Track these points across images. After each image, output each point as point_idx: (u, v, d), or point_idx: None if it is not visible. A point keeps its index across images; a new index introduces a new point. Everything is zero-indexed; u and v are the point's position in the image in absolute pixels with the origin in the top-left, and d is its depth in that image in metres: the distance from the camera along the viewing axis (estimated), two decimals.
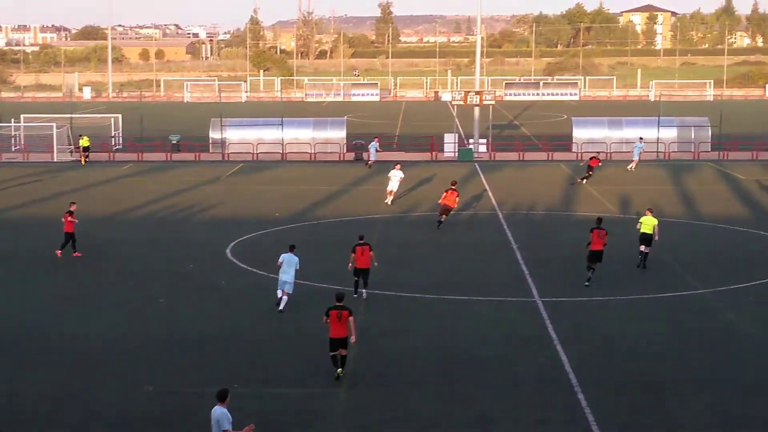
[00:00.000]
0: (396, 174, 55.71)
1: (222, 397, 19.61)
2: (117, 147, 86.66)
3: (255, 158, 79.60)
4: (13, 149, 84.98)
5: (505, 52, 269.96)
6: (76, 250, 42.01)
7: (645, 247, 39.42)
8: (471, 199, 57.20)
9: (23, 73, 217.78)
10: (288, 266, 33.41)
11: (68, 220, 42.08)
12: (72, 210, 42.54)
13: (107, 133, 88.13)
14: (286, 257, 33.57)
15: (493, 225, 50.32)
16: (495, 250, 43.98)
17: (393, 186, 55.58)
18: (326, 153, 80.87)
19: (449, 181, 50.54)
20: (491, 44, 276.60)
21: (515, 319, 32.80)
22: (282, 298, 33.40)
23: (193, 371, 27.48)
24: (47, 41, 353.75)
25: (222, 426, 19.34)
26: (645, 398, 25.32)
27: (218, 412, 19.47)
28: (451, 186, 49.08)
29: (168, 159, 79.78)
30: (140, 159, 79.70)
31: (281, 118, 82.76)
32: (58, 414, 24.44)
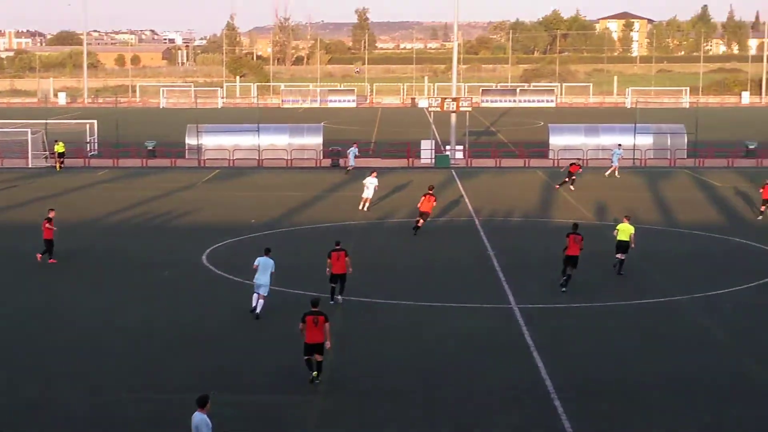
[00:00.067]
0: (371, 181, 55.58)
1: (201, 403, 19.52)
2: (92, 153, 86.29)
3: (231, 164, 79.40)
4: None
5: (482, 59, 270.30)
6: (52, 257, 41.80)
7: (621, 255, 39.48)
8: (448, 206, 57.15)
9: None
10: (263, 269, 33.34)
11: (47, 227, 41.87)
12: (50, 217, 42.33)
13: (82, 139, 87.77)
14: (262, 261, 33.49)
15: (470, 232, 50.29)
16: (471, 257, 43.94)
17: (368, 193, 55.47)
18: (303, 159, 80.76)
19: (426, 187, 50.49)
20: (468, 51, 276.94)
21: (491, 326, 32.74)
22: (258, 302, 33.30)
23: (169, 378, 27.32)
24: (22, 46, 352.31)
25: None
26: (622, 405, 25.31)
27: (197, 419, 19.38)
28: (428, 191, 49.08)
29: (144, 165, 79.50)
30: (116, 165, 79.39)
31: (257, 125, 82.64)
32: (32, 421, 24.23)
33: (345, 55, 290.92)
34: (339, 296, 34.86)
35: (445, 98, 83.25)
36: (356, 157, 73.53)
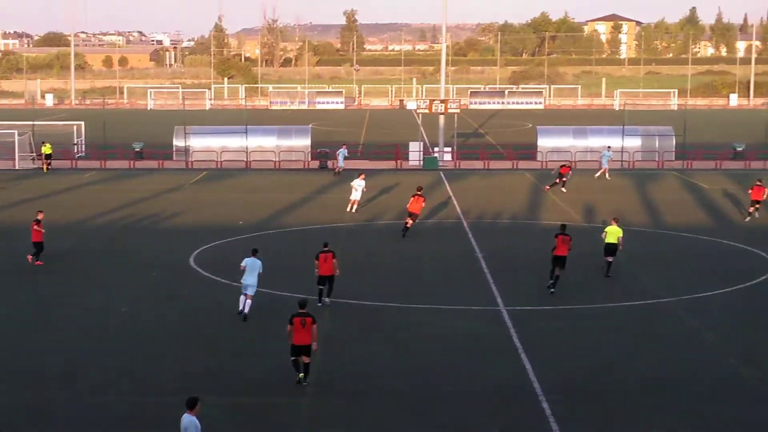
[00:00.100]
0: (359, 183, 55.60)
1: (191, 405, 19.45)
2: (80, 154, 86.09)
3: (219, 166, 79.30)
4: None
5: (471, 61, 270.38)
6: (39, 259, 41.66)
7: (610, 257, 39.49)
8: (436, 208, 57.12)
9: None
10: (251, 270, 33.31)
11: (35, 230, 41.73)
12: (39, 219, 42.18)
13: (70, 141, 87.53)
14: (249, 261, 33.45)
15: (458, 233, 50.26)
16: (460, 259, 43.92)
17: (356, 195, 55.49)
18: (291, 161, 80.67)
19: (414, 188, 50.49)
20: (456, 53, 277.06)
21: (479, 328, 32.72)
22: (246, 302, 33.25)
23: (156, 380, 27.22)
24: (9, 47, 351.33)
25: None
26: (610, 407, 25.30)
27: (186, 421, 19.32)
28: (417, 192, 49.14)
29: (131, 166, 79.35)
30: (103, 166, 79.22)
31: (245, 126, 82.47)
32: (19, 425, 24.11)
33: (333, 57, 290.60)
34: (327, 298, 34.81)
35: (434, 100, 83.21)
36: (345, 159, 73.47)
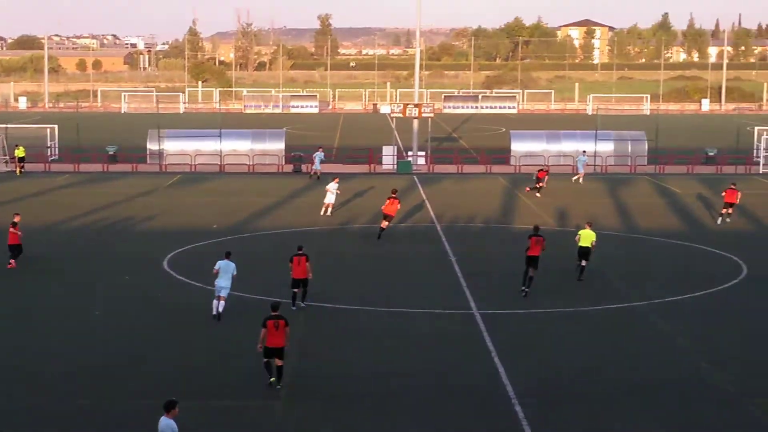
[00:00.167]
0: (333, 187, 55.73)
1: (167, 408, 19.47)
2: (53, 158, 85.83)
3: (193, 170, 79.15)
4: None
5: (444, 65, 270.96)
6: (15, 262, 41.53)
7: (583, 261, 39.70)
8: (410, 212, 57.21)
9: None
10: (224, 273, 33.37)
11: (12, 232, 41.62)
12: (16, 221, 42.07)
13: (43, 144, 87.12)
14: (222, 264, 33.50)
15: (432, 237, 50.37)
16: (433, 263, 44.02)
17: (330, 199, 55.61)
18: (265, 165, 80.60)
19: (389, 191, 50.62)
20: (430, 57, 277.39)
21: (453, 331, 32.81)
22: (219, 303, 33.29)
23: (129, 384, 27.20)
24: None
25: None
26: (582, 410, 25.44)
27: (163, 424, 19.38)
28: (392, 194, 49.35)
29: (105, 170, 79.09)
30: (76, 170, 78.94)
31: (219, 130, 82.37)
32: None
33: (307, 61, 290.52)
34: (302, 302, 34.84)
35: (408, 104, 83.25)
36: (322, 162, 73.42)
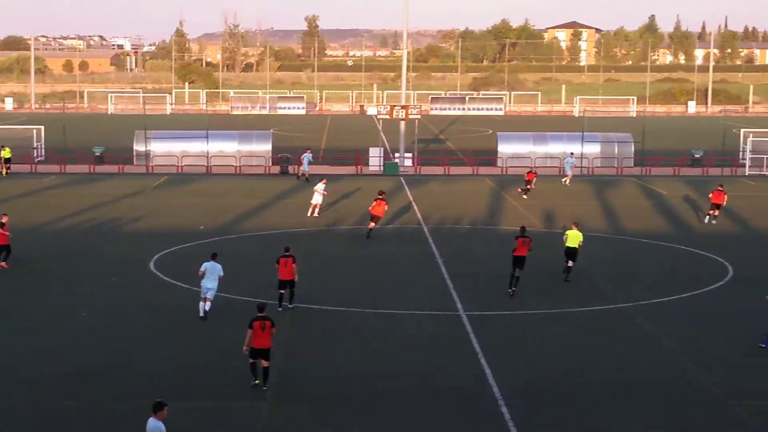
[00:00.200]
0: (321, 188, 55.82)
1: (155, 409, 19.46)
2: (39, 158, 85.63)
3: (180, 171, 79.05)
4: None
5: (431, 67, 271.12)
6: (2, 261, 41.47)
7: (570, 261, 39.84)
8: (396, 213, 57.23)
9: None
10: (211, 274, 33.36)
11: (0, 233, 41.54)
12: (3, 222, 41.97)
13: (29, 145, 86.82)
14: (209, 266, 33.49)
15: (419, 239, 50.41)
16: (420, 264, 44.06)
17: (317, 199, 55.67)
18: (251, 166, 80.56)
19: (376, 193, 50.72)
20: (417, 59, 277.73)
21: (439, 333, 32.86)
22: (206, 305, 33.30)
23: (116, 385, 27.17)
24: None
25: None
26: (568, 411, 25.49)
27: (151, 425, 19.35)
28: (379, 196, 49.52)
29: (91, 171, 78.93)
30: (63, 171, 78.77)
31: (206, 131, 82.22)
32: None
33: (294, 62, 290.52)
34: (290, 304, 34.84)
35: (395, 106, 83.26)
36: (310, 164, 73.36)
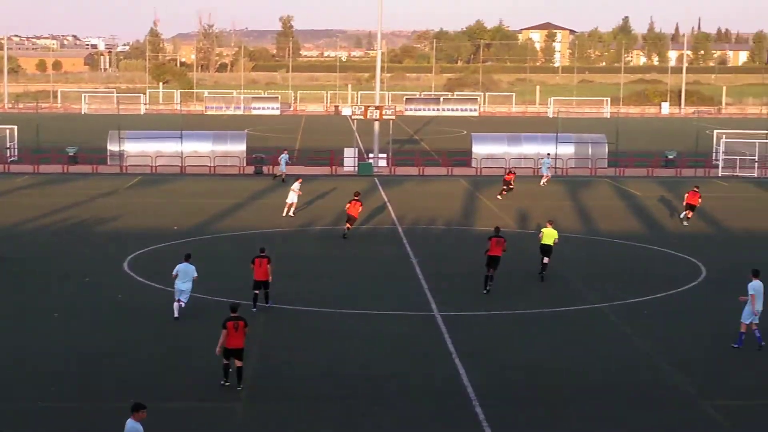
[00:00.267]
0: (296, 187, 55.88)
1: (132, 410, 19.41)
2: (12, 158, 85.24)
3: (154, 171, 78.82)
4: None
5: (406, 68, 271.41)
6: None
7: (545, 258, 40.06)
8: (371, 214, 57.22)
9: None
10: (184, 276, 33.29)
11: None
12: None
13: (2, 145, 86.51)
14: (182, 267, 33.41)
15: (393, 239, 50.42)
16: (394, 264, 44.06)
17: (292, 198, 55.65)
18: (226, 166, 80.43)
19: (352, 194, 50.78)
20: (392, 59, 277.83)
21: (414, 333, 32.86)
22: (180, 305, 33.23)
23: (89, 386, 27.06)
24: None
25: None
26: (543, 411, 25.54)
27: (129, 426, 19.28)
28: (354, 197, 49.54)
29: (65, 171, 78.62)
30: (36, 171, 78.41)
31: (181, 131, 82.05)
32: None
33: (269, 63, 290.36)
34: (266, 303, 34.79)
35: (369, 106, 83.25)
36: (288, 164, 73.22)
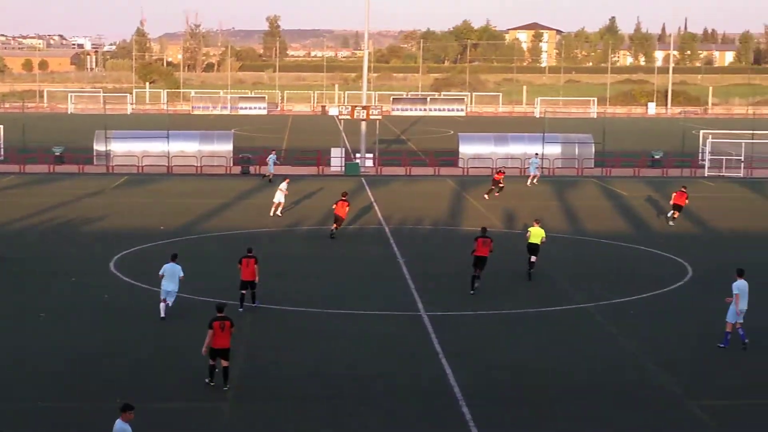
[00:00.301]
0: (284, 186, 55.92)
1: (121, 411, 19.40)
2: None
3: (140, 171, 78.72)
4: None
5: (393, 68, 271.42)
6: None
7: (532, 257, 40.17)
8: (358, 213, 57.21)
9: None
10: (170, 276, 33.22)
11: None
12: None
13: None
14: (168, 267, 33.34)
15: (380, 239, 50.42)
16: (381, 265, 44.06)
17: (279, 198, 55.66)
18: (212, 166, 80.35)
19: (339, 194, 50.81)
20: (379, 59, 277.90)
21: (400, 333, 32.86)
22: (166, 306, 33.19)
23: (75, 387, 27.00)
24: None
25: None
26: (529, 411, 25.56)
27: (117, 427, 19.28)
28: (342, 197, 49.57)
29: (51, 171, 78.46)
30: (22, 171, 78.20)
31: (167, 131, 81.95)
32: None
33: (256, 62, 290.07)
34: (253, 303, 34.76)
35: (356, 106, 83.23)
36: (276, 164, 73.19)
